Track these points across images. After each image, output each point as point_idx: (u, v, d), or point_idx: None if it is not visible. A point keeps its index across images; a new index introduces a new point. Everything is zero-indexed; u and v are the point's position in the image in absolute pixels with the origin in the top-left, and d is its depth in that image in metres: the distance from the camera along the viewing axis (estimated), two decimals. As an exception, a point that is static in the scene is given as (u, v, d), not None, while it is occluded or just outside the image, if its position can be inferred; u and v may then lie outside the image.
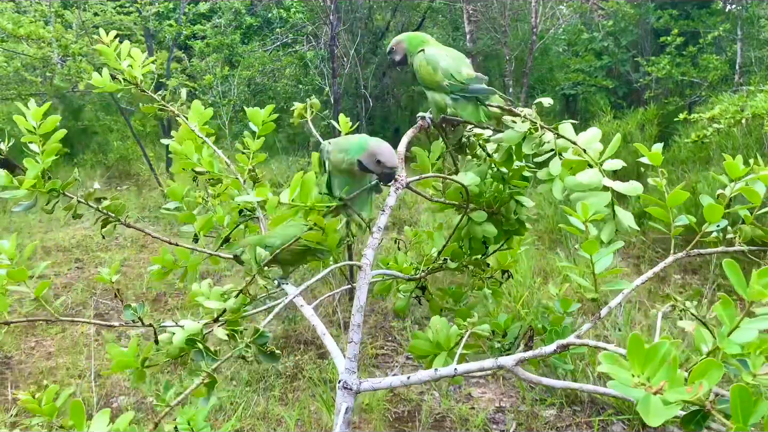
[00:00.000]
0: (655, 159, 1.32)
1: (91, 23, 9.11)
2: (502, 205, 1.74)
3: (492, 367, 1.33)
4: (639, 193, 1.34)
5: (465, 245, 1.81)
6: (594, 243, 1.29)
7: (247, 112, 1.83)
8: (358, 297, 1.44)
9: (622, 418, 3.70)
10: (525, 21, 12.40)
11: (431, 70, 1.61)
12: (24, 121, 1.53)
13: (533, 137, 1.52)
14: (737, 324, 0.97)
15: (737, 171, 1.28)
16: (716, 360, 0.87)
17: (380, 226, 1.53)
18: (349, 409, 1.34)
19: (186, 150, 1.74)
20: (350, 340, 1.40)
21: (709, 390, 0.85)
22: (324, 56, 9.25)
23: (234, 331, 1.39)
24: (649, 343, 0.87)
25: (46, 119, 1.54)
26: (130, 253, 6.92)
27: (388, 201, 1.56)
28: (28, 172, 1.51)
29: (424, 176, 1.66)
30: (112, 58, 1.74)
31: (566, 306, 1.63)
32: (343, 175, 1.57)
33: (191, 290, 1.52)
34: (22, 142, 1.56)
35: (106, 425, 0.87)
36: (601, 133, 1.52)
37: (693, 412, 0.92)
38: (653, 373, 0.85)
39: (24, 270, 1.44)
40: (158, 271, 1.76)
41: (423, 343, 1.58)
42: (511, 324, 1.68)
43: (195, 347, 1.36)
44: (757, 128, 6.82)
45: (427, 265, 1.86)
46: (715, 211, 1.25)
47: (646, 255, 6.15)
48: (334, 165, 1.57)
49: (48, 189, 1.55)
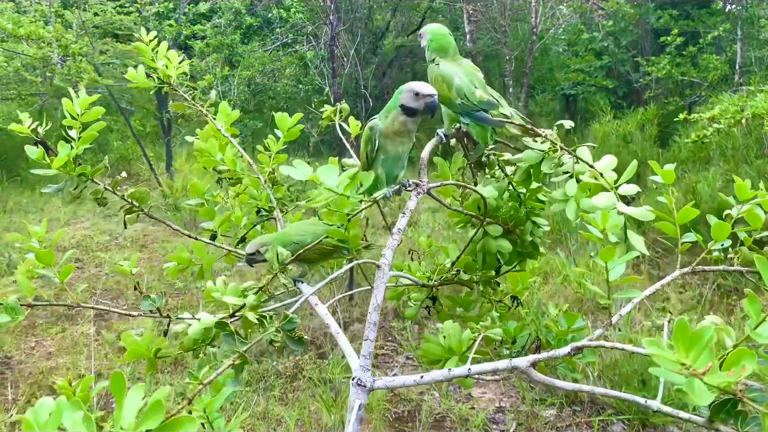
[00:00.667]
0: (667, 178, 1.35)
1: (91, 23, 9.10)
2: (518, 225, 1.76)
3: (506, 368, 1.33)
4: (650, 219, 1.37)
5: (479, 259, 1.82)
6: (612, 251, 1.32)
7: (276, 118, 1.88)
8: (375, 296, 1.45)
9: (622, 418, 3.70)
10: (525, 21, 12.41)
11: (446, 87, 1.62)
12: (70, 105, 1.55)
13: (552, 158, 1.54)
14: (765, 318, 1.01)
15: (746, 193, 1.32)
16: (748, 349, 0.90)
17: (400, 227, 1.55)
18: (362, 406, 1.35)
19: (210, 148, 1.78)
20: (366, 338, 1.41)
21: (744, 376, 0.88)
22: (324, 56, 9.26)
23: (262, 317, 1.40)
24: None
25: (91, 109, 1.57)
26: (130, 253, 6.92)
27: (408, 204, 1.58)
28: (60, 153, 1.53)
29: (446, 183, 1.69)
30: (149, 56, 1.79)
31: (571, 321, 1.63)
32: (393, 143, 1.59)
33: (206, 287, 1.55)
34: (63, 125, 1.58)
35: (141, 398, 0.90)
36: (601, 133, 1.54)
37: (724, 401, 0.96)
38: (697, 358, 0.88)
39: (51, 253, 1.48)
40: (175, 268, 1.80)
41: (434, 347, 1.58)
42: (520, 332, 1.68)
43: (225, 330, 1.37)
44: (757, 128, 6.81)
45: (440, 274, 1.87)
46: (722, 230, 1.30)
47: (647, 255, 6.15)
48: (385, 132, 1.58)
49: (78, 173, 1.57)
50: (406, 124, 1.56)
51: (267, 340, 1.37)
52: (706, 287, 5.25)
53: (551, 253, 6.22)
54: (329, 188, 1.35)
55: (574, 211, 1.46)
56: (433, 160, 1.72)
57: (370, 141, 1.60)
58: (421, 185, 1.60)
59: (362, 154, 1.66)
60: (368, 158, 1.63)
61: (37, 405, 0.91)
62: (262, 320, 1.39)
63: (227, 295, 1.48)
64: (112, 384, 0.89)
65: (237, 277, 6.06)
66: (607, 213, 1.36)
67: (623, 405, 3.73)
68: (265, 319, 1.40)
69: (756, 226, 1.32)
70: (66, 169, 1.55)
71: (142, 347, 1.49)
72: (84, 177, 1.59)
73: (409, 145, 1.63)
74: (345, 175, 1.36)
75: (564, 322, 1.62)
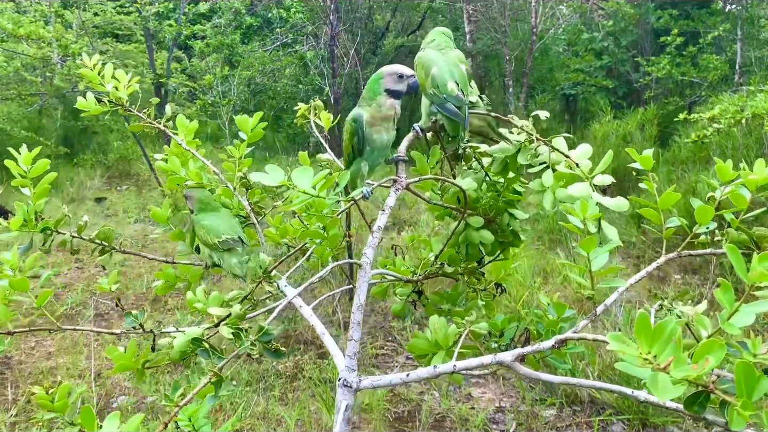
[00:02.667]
0: (645, 163, 1.35)
1: (91, 23, 9.11)
2: (498, 214, 1.76)
3: (491, 362, 1.33)
4: (624, 209, 1.37)
5: (462, 251, 1.82)
6: (592, 240, 1.31)
7: (236, 120, 1.82)
8: (358, 295, 1.45)
9: (622, 418, 3.70)
10: (525, 21, 12.41)
11: (423, 74, 1.60)
12: (15, 166, 1.57)
13: (528, 149, 1.55)
14: (737, 308, 1.00)
15: (728, 174, 1.31)
16: (719, 340, 0.89)
17: (380, 225, 1.53)
18: (349, 407, 1.34)
19: (172, 166, 1.75)
20: (350, 338, 1.40)
21: (711, 369, 0.87)
22: (324, 56, 9.26)
23: (238, 330, 1.40)
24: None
25: (37, 163, 1.59)
26: (130, 254, 6.92)
27: (387, 201, 1.56)
28: (17, 213, 1.57)
29: (424, 178, 1.67)
30: (96, 81, 1.75)
31: (561, 311, 1.63)
32: (379, 132, 1.59)
33: (188, 298, 1.53)
34: (13, 186, 1.61)
35: (116, 427, 0.89)
36: (601, 133, 1.54)
37: (696, 394, 0.95)
38: (660, 351, 0.87)
39: (26, 280, 1.47)
40: (163, 285, 1.82)
41: (422, 342, 1.59)
42: (508, 324, 1.68)
43: (200, 347, 1.37)
44: (757, 128, 6.82)
45: (425, 268, 1.87)
46: (705, 213, 1.28)
47: (646, 255, 6.15)
48: (371, 121, 1.58)
49: (41, 228, 1.60)
50: (394, 107, 1.58)
51: (243, 352, 1.37)
52: (706, 287, 5.25)
53: (551, 253, 6.22)
54: (304, 191, 1.33)
55: (551, 202, 1.47)
56: (411, 156, 1.71)
57: (356, 133, 1.59)
58: (399, 181, 1.58)
59: (346, 147, 1.64)
60: (354, 150, 1.61)
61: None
62: (238, 334, 1.39)
63: (209, 304, 1.48)
64: (82, 418, 0.88)
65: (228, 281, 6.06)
66: (586, 203, 1.36)
67: (623, 405, 3.73)
68: (241, 332, 1.39)
69: (741, 207, 1.31)
70: (27, 227, 1.57)
71: (128, 359, 1.49)
72: (48, 230, 1.62)
73: (393, 133, 1.63)
74: (319, 176, 1.34)
75: (554, 313, 1.62)
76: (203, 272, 1.80)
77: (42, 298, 1.49)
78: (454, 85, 1.57)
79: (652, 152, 1.36)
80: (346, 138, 1.63)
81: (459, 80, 1.59)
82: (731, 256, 1.00)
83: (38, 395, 1.32)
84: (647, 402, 1.13)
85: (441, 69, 1.59)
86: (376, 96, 1.58)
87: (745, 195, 1.30)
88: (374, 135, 1.59)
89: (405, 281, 1.88)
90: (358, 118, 1.58)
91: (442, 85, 1.57)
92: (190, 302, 1.51)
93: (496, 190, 1.75)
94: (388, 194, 1.58)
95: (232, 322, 1.42)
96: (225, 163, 1.86)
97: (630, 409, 3.68)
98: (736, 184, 1.32)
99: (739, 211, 1.33)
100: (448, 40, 1.71)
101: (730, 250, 1.00)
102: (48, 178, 1.60)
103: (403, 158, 1.65)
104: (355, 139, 1.59)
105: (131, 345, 1.51)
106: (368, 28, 10.71)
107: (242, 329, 1.41)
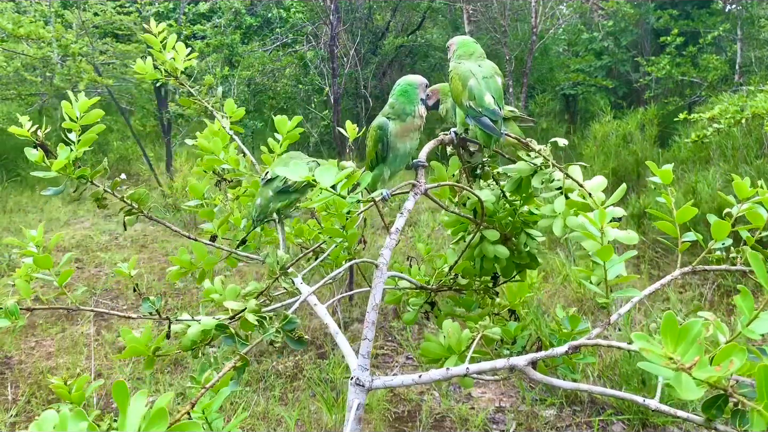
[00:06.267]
0: (665, 177, 1.35)
1: (91, 23, 9.10)
2: (515, 233, 1.76)
3: (504, 366, 1.33)
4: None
5: (477, 264, 1.82)
6: (609, 249, 1.30)
7: (275, 122, 1.88)
8: (374, 295, 1.45)
9: (622, 418, 3.70)
10: (525, 21, 12.40)
11: (460, 86, 1.61)
12: (69, 108, 1.55)
13: (543, 173, 1.57)
14: (756, 314, 1.02)
15: (745, 191, 1.32)
16: (739, 344, 0.90)
17: (398, 227, 1.55)
18: (360, 406, 1.35)
19: (214, 146, 1.77)
20: (364, 338, 1.41)
21: (735, 371, 0.88)
22: (324, 56, 9.25)
23: (262, 317, 1.41)
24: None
25: (91, 111, 1.57)
26: (130, 253, 6.92)
27: (406, 205, 1.58)
28: (60, 155, 1.53)
29: (443, 184, 1.69)
30: (158, 47, 1.78)
31: (575, 323, 1.63)
32: (403, 141, 1.62)
33: (204, 288, 1.54)
34: (62, 127, 1.58)
35: (144, 405, 0.89)
36: (601, 133, 1.56)
37: (715, 397, 0.95)
38: (685, 352, 0.88)
39: (49, 257, 1.48)
40: (177, 271, 1.80)
41: (434, 346, 1.58)
42: (520, 332, 1.68)
43: (225, 333, 1.37)
44: (757, 128, 6.81)
45: (439, 278, 1.87)
46: (722, 229, 1.29)
47: (646, 255, 6.15)
48: (401, 131, 1.60)
49: (77, 175, 1.57)
50: (422, 117, 1.63)
51: (267, 340, 1.37)
52: (706, 287, 5.25)
53: (551, 253, 6.22)
54: (327, 189, 1.34)
55: (561, 228, 1.48)
56: (430, 164, 1.73)
57: (381, 140, 1.60)
58: (419, 186, 1.60)
59: (369, 153, 1.66)
60: (377, 156, 1.63)
61: (41, 418, 0.89)
62: (262, 321, 1.39)
63: (226, 296, 1.48)
64: (115, 393, 0.88)
65: (237, 278, 6.07)
66: (604, 213, 1.36)
67: (623, 405, 3.73)
68: (265, 320, 1.40)
69: (758, 225, 1.31)
70: (65, 171, 1.55)
71: (141, 344, 1.49)
72: (84, 179, 1.59)
73: (416, 141, 1.65)
74: (342, 175, 1.35)
75: (568, 325, 1.62)
76: (250, 225, 1.77)
77: (63, 277, 1.51)
78: (491, 98, 1.57)
79: (671, 167, 1.37)
80: (369, 144, 1.65)
81: (495, 93, 1.59)
82: (754, 265, 1.02)
83: (55, 384, 1.32)
84: (658, 410, 1.13)
85: (479, 81, 1.59)
86: (414, 105, 1.60)
87: (762, 213, 1.30)
88: (398, 144, 1.61)
89: (419, 288, 1.88)
90: (384, 126, 1.60)
91: (479, 98, 1.57)
92: (206, 292, 1.52)
93: (513, 207, 1.76)
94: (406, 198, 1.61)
95: (246, 315, 1.42)
96: (264, 156, 1.92)
97: (630, 409, 3.68)
98: (753, 202, 1.32)
99: (754, 229, 1.34)
100: (477, 47, 1.71)
101: (753, 257, 1.02)
102: (96, 128, 1.58)
103: (424, 164, 1.66)
104: (379, 146, 1.61)
105: (147, 329, 1.51)
106: (368, 28, 10.71)
107: (266, 317, 1.41)
